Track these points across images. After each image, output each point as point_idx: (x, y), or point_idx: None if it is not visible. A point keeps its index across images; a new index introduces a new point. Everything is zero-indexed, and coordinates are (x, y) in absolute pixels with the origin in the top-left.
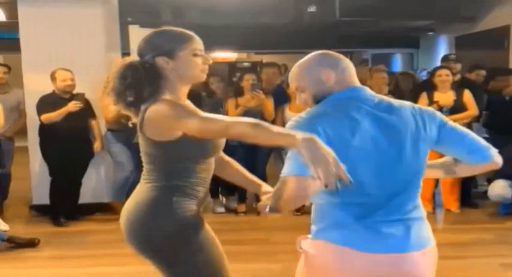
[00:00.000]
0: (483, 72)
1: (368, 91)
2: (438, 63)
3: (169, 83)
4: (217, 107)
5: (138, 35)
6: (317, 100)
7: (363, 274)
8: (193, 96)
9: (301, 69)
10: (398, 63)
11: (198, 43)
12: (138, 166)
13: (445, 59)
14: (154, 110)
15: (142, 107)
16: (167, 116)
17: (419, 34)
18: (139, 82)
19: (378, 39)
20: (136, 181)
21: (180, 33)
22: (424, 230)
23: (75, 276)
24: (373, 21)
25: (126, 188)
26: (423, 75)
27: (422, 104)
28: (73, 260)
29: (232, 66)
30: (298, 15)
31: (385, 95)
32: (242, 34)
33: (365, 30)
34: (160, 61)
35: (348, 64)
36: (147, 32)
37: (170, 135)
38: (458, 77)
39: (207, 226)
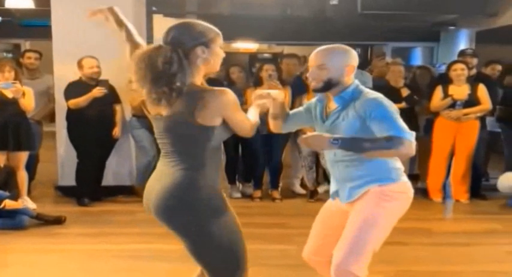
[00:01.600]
0: (499, 67)
1: None
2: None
3: (195, 69)
4: (237, 96)
5: (161, 24)
6: (329, 82)
7: None
8: (215, 84)
9: (335, 53)
10: (418, 57)
11: (222, 38)
12: (160, 152)
13: (461, 53)
14: (219, 98)
15: (195, 94)
16: (231, 106)
17: (439, 28)
18: (182, 69)
19: (398, 32)
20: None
21: (211, 27)
22: None
23: (102, 252)
24: (394, 15)
25: (148, 172)
26: (442, 69)
27: (437, 97)
28: (98, 238)
29: (253, 57)
30: (321, 8)
31: (401, 87)
32: (264, 25)
33: (386, 23)
34: (199, 50)
35: None
36: (170, 21)
37: (216, 121)
38: (474, 71)
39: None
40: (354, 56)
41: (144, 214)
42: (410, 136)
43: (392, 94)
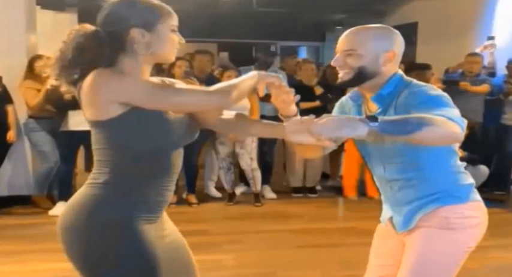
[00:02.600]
0: (402, 66)
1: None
2: None
3: (133, 59)
4: None
5: (39, 16)
6: (361, 73)
7: None
8: None
9: (371, 34)
10: (305, 56)
11: (176, 19)
12: (63, 157)
13: None
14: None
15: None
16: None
17: (325, 28)
18: (100, 57)
19: (288, 31)
20: (61, 173)
21: (160, 5)
22: None
23: (8, 275)
24: (287, 13)
25: (49, 180)
26: None
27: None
28: (1, 257)
29: None
30: (213, 3)
31: (314, 86)
32: None
33: (279, 21)
34: (136, 33)
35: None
36: (48, 13)
37: (108, 110)
38: None
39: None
40: (397, 40)
41: (49, 227)
42: (462, 122)
43: (306, 92)
